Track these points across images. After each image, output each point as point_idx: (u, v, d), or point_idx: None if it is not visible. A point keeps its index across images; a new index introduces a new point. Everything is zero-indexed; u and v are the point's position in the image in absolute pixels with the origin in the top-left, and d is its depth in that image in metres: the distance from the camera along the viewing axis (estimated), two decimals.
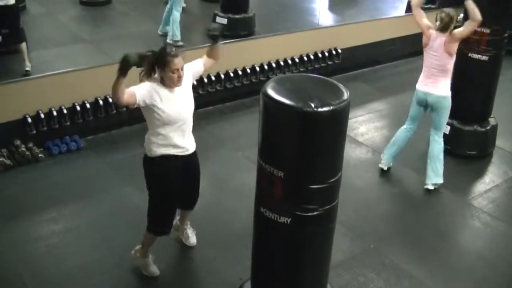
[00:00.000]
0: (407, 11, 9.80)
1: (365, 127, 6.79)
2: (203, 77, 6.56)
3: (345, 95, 3.09)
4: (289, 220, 3.16)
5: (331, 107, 2.97)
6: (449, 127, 5.97)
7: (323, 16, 10.19)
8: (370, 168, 5.89)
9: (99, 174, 5.49)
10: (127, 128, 6.26)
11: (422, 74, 5.36)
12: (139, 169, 4.00)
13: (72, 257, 4.36)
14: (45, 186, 5.24)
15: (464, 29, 5.13)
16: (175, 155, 3.87)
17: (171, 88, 3.75)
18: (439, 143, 5.42)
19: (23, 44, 6.73)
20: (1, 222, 4.68)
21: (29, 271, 4.20)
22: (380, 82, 8.22)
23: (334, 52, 7.91)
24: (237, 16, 8.51)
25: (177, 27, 8.04)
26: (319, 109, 2.94)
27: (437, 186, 5.51)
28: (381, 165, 5.76)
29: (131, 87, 3.64)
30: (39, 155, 5.58)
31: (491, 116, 6.23)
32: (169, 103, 3.73)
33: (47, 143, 5.76)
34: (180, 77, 3.72)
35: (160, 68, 3.70)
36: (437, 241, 4.86)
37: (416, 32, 5.64)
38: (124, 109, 6.13)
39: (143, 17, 9.36)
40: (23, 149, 5.52)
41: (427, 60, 5.29)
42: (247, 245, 3.69)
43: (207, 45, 4.30)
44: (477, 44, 5.79)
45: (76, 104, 5.91)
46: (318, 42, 7.82)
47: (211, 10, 8.93)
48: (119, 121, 6.25)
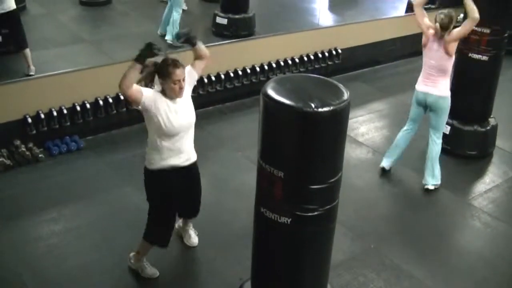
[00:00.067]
0: (407, 11, 9.81)
1: (365, 127, 6.79)
2: (203, 77, 6.56)
3: (345, 95, 3.09)
4: (289, 220, 3.16)
5: (331, 107, 2.97)
6: (449, 127, 5.97)
7: (323, 16, 10.19)
8: (370, 168, 5.89)
9: (99, 174, 5.49)
10: (127, 128, 6.26)
11: (421, 74, 5.36)
12: (139, 169, 4.00)
13: (72, 257, 4.36)
14: (45, 186, 5.24)
15: (462, 28, 5.12)
16: (175, 168, 3.86)
17: (172, 99, 3.75)
18: (437, 144, 5.42)
19: (27, 50, 6.72)
20: (1, 222, 4.68)
21: (29, 271, 4.21)
22: (380, 82, 8.21)
23: (334, 52, 7.91)
24: (237, 16, 8.52)
25: (177, 27, 8.04)
26: (319, 109, 2.94)
27: (436, 186, 5.51)
28: (383, 164, 5.74)
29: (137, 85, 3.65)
30: (39, 155, 5.58)
31: (491, 116, 6.22)
32: (171, 114, 3.72)
33: (47, 143, 5.76)
34: (181, 88, 3.71)
35: (161, 79, 3.70)
36: (437, 241, 4.86)
37: (416, 32, 5.64)
38: (124, 109, 6.14)
39: (143, 18, 9.35)
40: (23, 149, 5.52)
41: (426, 60, 5.28)
42: (247, 245, 3.69)
43: (206, 45, 4.30)
44: (477, 44, 5.79)
45: (76, 104, 5.91)
46: (318, 42, 7.82)
47: (211, 10, 8.93)
48: (119, 121, 6.25)
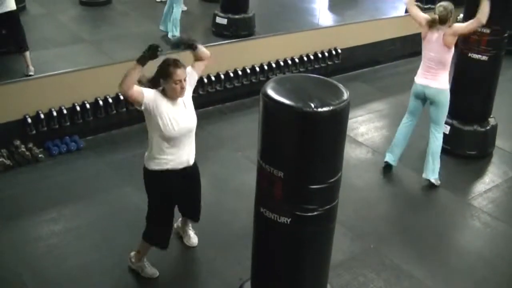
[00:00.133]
0: (406, 11, 9.76)
1: (365, 127, 6.79)
2: (203, 77, 6.56)
3: (345, 95, 3.09)
4: (289, 220, 3.16)
5: (331, 107, 2.97)
6: (449, 127, 5.97)
7: (323, 16, 10.19)
8: (370, 168, 5.89)
9: (99, 174, 5.49)
10: (127, 128, 6.26)
11: (421, 67, 5.37)
12: (139, 169, 4.00)
13: (72, 257, 4.36)
14: (45, 186, 5.24)
15: (466, 26, 5.14)
16: (174, 170, 3.86)
17: (173, 100, 3.75)
18: (437, 139, 5.43)
19: (27, 53, 6.72)
20: (1, 222, 4.68)
21: (29, 271, 4.21)
22: (380, 82, 8.21)
23: (334, 52, 7.91)
24: (237, 16, 8.51)
25: (177, 24, 8.05)
26: (319, 109, 2.94)
27: (436, 182, 5.51)
28: (387, 159, 5.71)
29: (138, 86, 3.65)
30: (39, 156, 5.58)
31: (491, 116, 6.22)
32: (172, 118, 3.72)
33: (47, 143, 5.76)
34: (183, 88, 3.71)
35: (162, 79, 3.70)
36: (437, 241, 4.86)
37: (416, 32, 5.63)
38: (124, 109, 6.14)
39: (143, 17, 9.35)
40: (23, 149, 5.52)
41: (426, 52, 5.29)
42: (247, 245, 3.69)
43: (206, 45, 4.30)
44: (477, 44, 5.79)
45: (76, 104, 5.91)
46: (318, 42, 7.82)
47: (211, 10, 8.92)
48: (119, 121, 6.25)
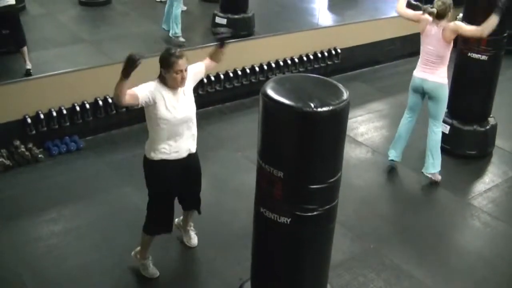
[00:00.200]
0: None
1: (364, 127, 6.79)
2: (203, 77, 6.55)
3: (345, 95, 3.10)
4: (288, 220, 3.16)
5: (331, 107, 2.97)
6: (448, 127, 5.98)
7: (323, 16, 10.17)
8: (370, 168, 5.90)
9: (99, 174, 5.49)
10: (126, 128, 6.26)
11: (419, 61, 5.38)
12: (139, 169, 4.00)
13: (72, 257, 4.36)
14: (44, 186, 5.24)
15: (469, 30, 5.13)
16: (174, 159, 3.86)
17: (173, 89, 3.76)
18: (435, 133, 5.43)
19: (24, 47, 6.72)
20: (1, 222, 4.68)
21: (29, 271, 4.21)
22: (379, 82, 8.21)
23: (333, 52, 7.91)
24: (236, 16, 8.49)
25: (178, 23, 8.05)
26: (319, 109, 2.94)
27: (434, 175, 5.52)
28: (391, 156, 5.71)
29: (133, 88, 3.65)
30: (39, 156, 5.58)
31: (491, 116, 6.22)
32: (171, 104, 3.73)
33: (47, 143, 5.76)
34: (183, 78, 3.72)
35: (164, 68, 3.71)
36: (437, 241, 4.86)
37: (416, 32, 5.62)
38: (124, 109, 6.13)
39: (142, 17, 9.34)
40: (23, 149, 5.52)
41: (424, 47, 5.30)
42: (247, 245, 3.69)
43: (206, 45, 4.30)
44: (476, 44, 5.79)
45: (75, 104, 5.91)
46: (318, 42, 7.81)
47: (210, 10, 8.91)
48: (118, 121, 6.25)
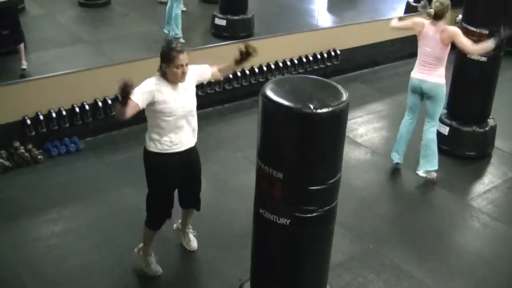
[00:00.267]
0: (406, 12, 9.82)
1: (364, 128, 6.79)
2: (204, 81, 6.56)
3: (344, 96, 3.10)
4: (288, 221, 3.16)
5: (330, 108, 2.97)
6: (448, 128, 5.98)
7: (322, 17, 10.20)
8: (369, 169, 5.90)
9: (98, 175, 5.49)
10: (126, 129, 6.25)
11: (417, 62, 5.40)
12: (138, 170, 4.00)
13: (72, 257, 4.36)
14: (44, 187, 5.24)
15: (462, 43, 5.18)
16: (174, 152, 3.86)
17: (174, 83, 3.76)
18: (431, 131, 5.46)
19: (21, 45, 6.72)
20: (1, 223, 4.68)
21: (29, 271, 4.21)
22: (379, 83, 8.21)
23: (333, 53, 7.90)
24: (236, 17, 8.51)
25: (178, 23, 8.08)
26: (318, 110, 2.94)
27: (430, 174, 5.52)
28: (395, 159, 5.72)
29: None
30: (38, 157, 5.58)
31: (490, 117, 6.23)
32: (171, 98, 3.73)
33: (46, 144, 5.76)
34: (184, 73, 3.72)
35: (164, 63, 3.71)
36: (437, 241, 4.87)
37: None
38: None
39: (142, 18, 9.35)
40: (22, 150, 5.52)
41: (421, 48, 5.33)
42: (246, 246, 3.70)
43: (207, 46, 4.30)
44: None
45: (75, 105, 5.91)
46: (317, 43, 7.82)
47: (210, 11, 8.93)
48: (118, 122, 6.20)
